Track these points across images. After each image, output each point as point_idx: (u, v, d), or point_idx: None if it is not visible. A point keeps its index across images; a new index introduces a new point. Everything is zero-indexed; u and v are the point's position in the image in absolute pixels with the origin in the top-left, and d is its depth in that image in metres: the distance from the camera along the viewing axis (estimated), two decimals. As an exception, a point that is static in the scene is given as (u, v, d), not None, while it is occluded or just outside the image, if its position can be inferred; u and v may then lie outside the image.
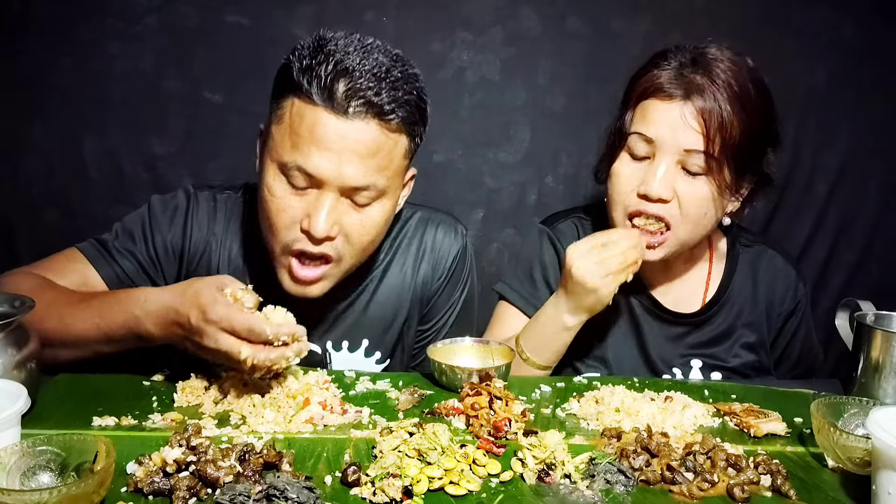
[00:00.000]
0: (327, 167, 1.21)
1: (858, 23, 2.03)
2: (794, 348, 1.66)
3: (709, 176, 1.38)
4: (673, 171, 1.39)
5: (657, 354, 1.58)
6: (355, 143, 1.21)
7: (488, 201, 2.07)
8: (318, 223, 1.23)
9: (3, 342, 1.10)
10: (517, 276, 1.64)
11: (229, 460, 0.96)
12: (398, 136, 1.27)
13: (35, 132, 1.92)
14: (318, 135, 1.20)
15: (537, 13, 1.99)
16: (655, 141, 1.39)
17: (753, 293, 1.61)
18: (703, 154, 1.36)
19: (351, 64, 1.20)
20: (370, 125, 1.22)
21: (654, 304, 1.59)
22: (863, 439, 1.00)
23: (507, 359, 1.34)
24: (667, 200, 1.39)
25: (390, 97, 1.22)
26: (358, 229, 1.30)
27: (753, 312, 1.61)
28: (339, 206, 1.26)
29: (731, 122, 1.35)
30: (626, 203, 1.44)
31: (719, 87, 1.36)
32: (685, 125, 1.36)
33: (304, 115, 1.21)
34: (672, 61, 1.41)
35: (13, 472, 0.89)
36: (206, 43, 1.92)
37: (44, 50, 1.89)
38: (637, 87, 1.44)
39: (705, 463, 1.06)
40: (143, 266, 1.43)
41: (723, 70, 1.37)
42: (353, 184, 1.24)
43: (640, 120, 1.42)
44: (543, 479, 1.00)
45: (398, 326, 1.54)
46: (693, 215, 1.41)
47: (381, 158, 1.25)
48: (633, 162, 1.43)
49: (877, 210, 2.13)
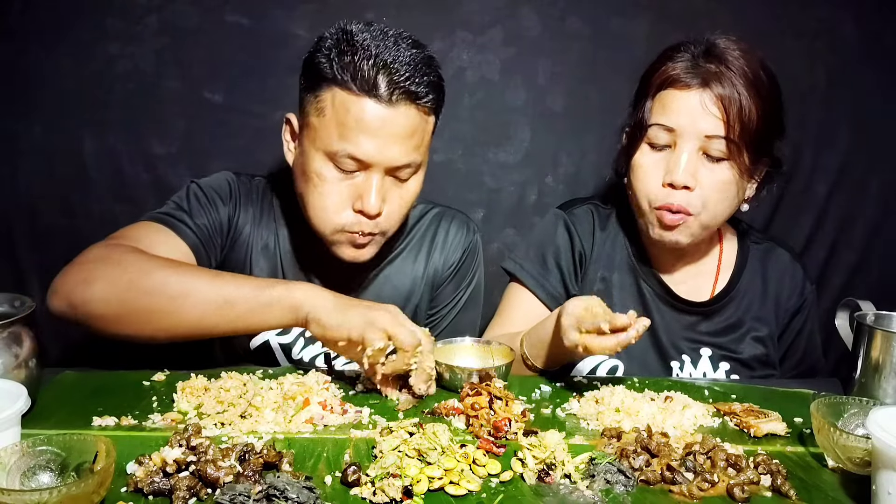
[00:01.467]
0: (375, 151, 1.34)
1: (858, 23, 2.03)
2: (798, 346, 1.68)
3: (730, 161, 1.43)
4: (695, 159, 1.43)
5: (668, 340, 1.60)
6: (398, 126, 1.34)
7: (488, 201, 2.07)
8: (370, 201, 1.36)
9: (3, 342, 1.10)
10: (529, 258, 1.66)
11: (229, 460, 0.96)
12: (430, 116, 1.41)
13: (35, 132, 1.92)
14: (366, 123, 1.32)
15: (537, 13, 1.99)
16: (676, 129, 1.43)
17: (763, 288, 1.64)
18: (724, 139, 1.40)
19: (389, 57, 1.32)
20: (410, 110, 1.35)
21: (666, 290, 1.61)
22: (863, 439, 1.00)
23: (507, 359, 1.34)
24: (691, 188, 1.43)
25: (424, 83, 1.35)
26: (399, 202, 1.43)
27: (763, 307, 1.63)
28: (384, 184, 1.39)
29: (748, 107, 1.40)
30: (650, 193, 1.48)
31: (735, 74, 1.40)
32: (705, 112, 1.40)
33: (348, 106, 1.32)
34: (685, 53, 1.46)
35: (13, 472, 0.89)
36: (206, 43, 1.92)
37: (44, 50, 1.89)
38: (654, 80, 1.48)
39: (705, 463, 1.06)
40: (210, 232, 1.49)
41: (735, 58, 1.42)
42: (397, 164, 1.36)
43: (660, 110, 1.46)
44: (543, 479, 1.00)
45: (411, 309, 1.63)
46: (716, 200, 1.45)
47: (417, 138, 1.38)
48: (654, 152, 1.47)
49: (877, 210, 2.12)
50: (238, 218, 1.55)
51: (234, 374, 1.30)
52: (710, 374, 1.60)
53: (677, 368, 1.60)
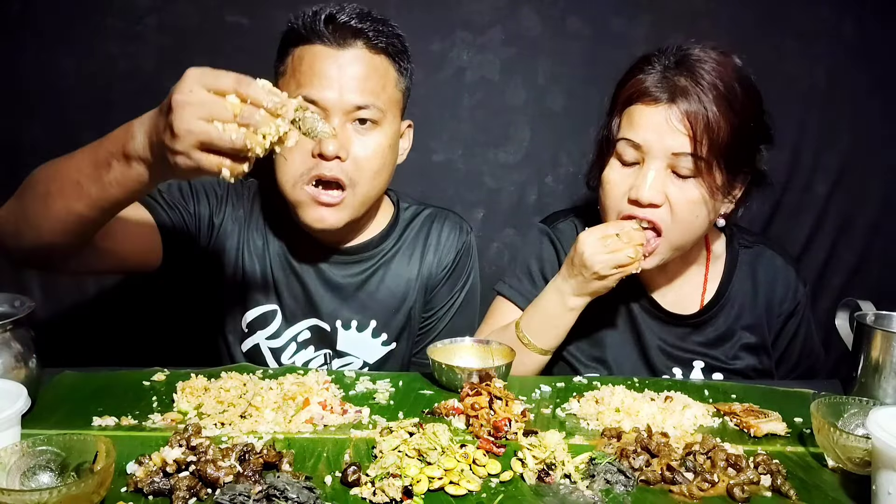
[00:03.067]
0: (330, 93, 1.37)
1: (858, 23, 2.03)
2: (793, 350, 1.66)
3: (699, 178, 1.38)
4: (663, 176, 1.38)
5: (657, 356, 1.58)
6: (350, 68, 1.39)
7: (488, 201, 2.07)
8: (327, 143, 1.36)
9: (3, 342, 1.10)
10: (515, 275, 1.66)
11: (229, 460, 0.96)
12: (387, 62, 1.44)
13: (35, 132, 1.92)
14: (318, 67, 1.38)
15: (537, 13, 1.99)
16: (643, 146, 1.39)
17: (753, 294, 1.61)
18: (691, 156, 1.36)
19: (339, 10, 1.40)
20: (360, 51, 1.40)
21: (654, 305, 1.58)
22: (863, 439, 1.00)
23: (507, 359, 1.34)
24: (658, 205, 1.39)
25: (373, 28, 1.41)
26: (363, 152, 1.42)
27: (753, 314, 1.60)
28: (344, 131, 1.39)
29: (717, 123, 1.34)
30: (618, 209, 1.44)
31: (704, 89, 1.35)
32: (671, 129, 1.36)
33: (303, 56, 1.40)
34: (656, 65, 1.41)
35: (13, 472, 0.89)
36: (206, 43, 1.92)
37: (44, 50, 1.89)
38: (622, 93, 1.44)
39: (705, 463, 1.06)
40: (186, 222, 1.48)
41: (707, 71, 1.37)
42: (354, 103, 1.38)
43: (627, 126, 1.42)
44: (543, 479, 1.00)
45: (405, 311, 1.61)
46: (684, 219, 1.40)
47: (376, 82, 1.41)
48: (623, 168, 1.43)
49: (877, 210, 2.12)
50: (224, 217, 1.54)
51: (234, 374, 1.30)
52: None
53: None
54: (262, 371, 1.36)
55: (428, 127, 1.94)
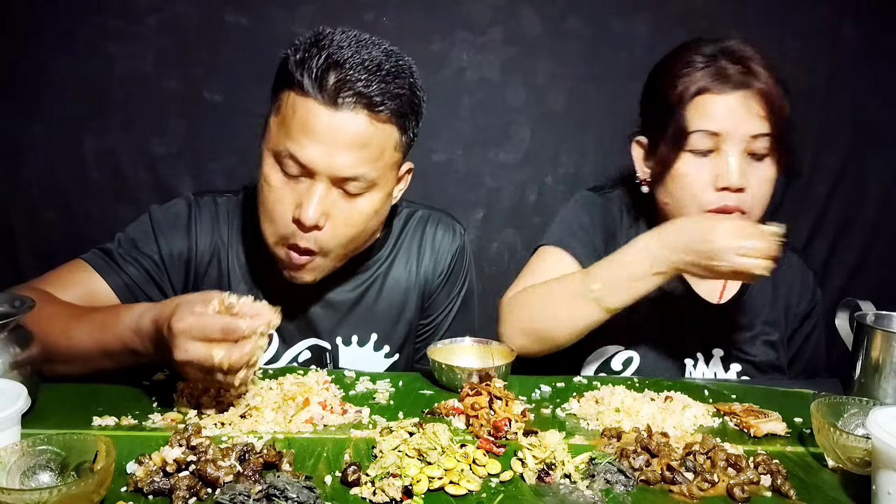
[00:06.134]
0: (318, 157, 1.25)
1: (858, 23, 2.03)
2: (806, 350, 1.68)
3: (772, 157, 1.44)
4: (742, 160, 1.43)
5: (684, 337, 1.58)
6: (345, 134, 1.25)
7: (488, 201, 2.07)
8: (307, 211, 1.27)
9: (3, 342, 1.10)
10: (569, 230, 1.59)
11: (229, 460, 0.96)
12: (389, 128, 1.29)
13: (35, 132, 1.92)
14: (310, 125, 1.24)
15: (537, 13, 1.99)
16: (721, 134, 1.42)
17: (774, 292, 1.64)
18: (768, 136, 1.42)
19: (342, 57, 1.24)
20: (360, 116, 1.25)
21: (686, 287, 1.59)
22: (863, 439, 1.00)
23: (507, 359, 1.34)
24: (744, 189, 1.43)
25: (380, 90, 1.25)
26: (344, 220, 1.32)
27: (774, 311, 1.63)
28: (329, 195, 1.29)
29: (781, 101, 1.42)
30: (702, 200, 1.45)
31: (761, 72, 1.42)
32: (748, 112, 1.41)
33: (296, 106, 1.25)
34: (698, 58, 1.45)
35: (13, 472, 0.89)
36: (206, 43, 1.92)
37: (44, 50, 1.89)
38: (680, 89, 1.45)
39: (705, 463, 1.05)
40: (149, 273, 1.43)
41: (756, 59, 1.44)
42: (343, 174, 1.27)
43: (700, 117, 1.44)
44: (543, 479, 1.00)
45: (406, 321, 1.57)
46: (763, 198, 1.46)
47: (372, 150, 1.28)
48: (698, 158, 1.46)
49: (877, 210, 2.13)
50: (197, 244, 1.46)
51: None
52: (721, 375, 1.59)
53: (690, 366, 1.59)
54: (262, 371, 1.36)
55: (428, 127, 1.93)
